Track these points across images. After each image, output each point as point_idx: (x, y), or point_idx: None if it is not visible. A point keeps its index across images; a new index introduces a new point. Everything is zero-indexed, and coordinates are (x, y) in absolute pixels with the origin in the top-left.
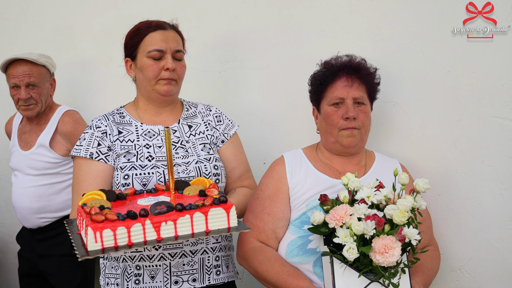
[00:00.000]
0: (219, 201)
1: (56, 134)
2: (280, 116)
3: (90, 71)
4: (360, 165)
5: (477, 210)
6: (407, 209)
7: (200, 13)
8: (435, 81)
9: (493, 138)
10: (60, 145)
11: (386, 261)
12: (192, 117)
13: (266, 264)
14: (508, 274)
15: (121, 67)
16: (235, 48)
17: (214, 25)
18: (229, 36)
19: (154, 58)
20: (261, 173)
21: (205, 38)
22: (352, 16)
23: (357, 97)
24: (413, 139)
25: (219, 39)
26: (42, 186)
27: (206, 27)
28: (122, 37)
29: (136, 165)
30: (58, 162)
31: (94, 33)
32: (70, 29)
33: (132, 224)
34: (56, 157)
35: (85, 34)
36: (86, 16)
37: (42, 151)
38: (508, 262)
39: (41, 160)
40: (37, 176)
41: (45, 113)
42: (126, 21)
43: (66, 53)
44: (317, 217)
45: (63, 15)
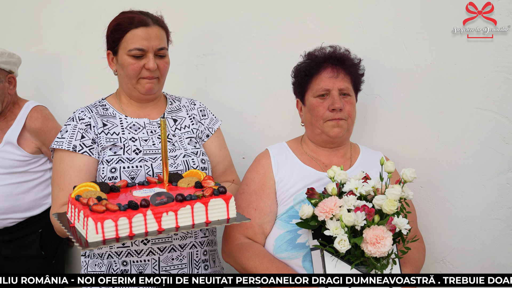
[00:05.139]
0: (218, 192)
1: (24, 130)
2: (260, 110)
3: (58, 65)
4: (346, 157)
5: (459, 201)
6: (396, 198)
7: (176, 5)
8: (417, 73)
9: (475, 130)
10: (29, 142)
11: (378, 252)
12: (176, 110)
13: (254, 260)
14: (490, 264)
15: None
16: (213, 41)
17: (191, 18)
18: (206, 29)
19: (135, 56)
20: (241, 168)
21: (182, 31)
22: (333, 8)
23: (343, 88)
24: (396, 132)
25: (196, 32)
26: (9, 185)
27: (183, 19)
28: (93, 30)
29: (123, 158)
30: (26, 160)
31: (62, 26)
32: (36, 21)
33: (133, 214)
34: (25, 155)
35: (53, 27)
36: (54, 8)
37: (9, 149)
38: (490, 252)
39: (9, 158)
40: (4, 175)
41: (10, 109)
42: (98, 14)
43: (32, 47)
44: (306, 210)
45: (29, 7)
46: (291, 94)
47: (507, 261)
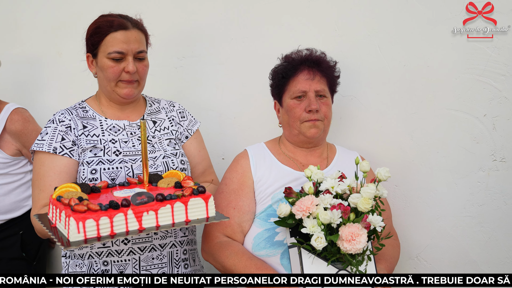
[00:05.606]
0: (197, 192)
1: (5, 133)
2: (239, 111)
3: (39, 67)
4: (322, 157)
5: (433, 199)
6: (371, 196)
7: (156, 7)
8: (391, 75)
9: (447, 130)
10: (9, 144)
11: (353, 248)
12: (155, 112)
13: (233, 258)
14: (462, 260)
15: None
16: (192, 43)
17: (171, 20)
18: (186, 31)
19: (114, 59)
20: (220, 169)
21: (162, 33)
22: (310, 11)
23: (319, 90)
24: (371, 132)
25: (175, 34)
26: None
27: (162, 22)
28: (74, 32)
29: (103, 159)
30: (7, 162)
31: (42, 28)
32: (17, 23)
33: (114, 214)
34: (5, 157)
35: (33, 29)
36: (34, 10)
37: None
38: (462, 248)
39: None
40: None
41: None
42: (78, 16)
43: (12, 49)
44: (284, 209)
45: (9, 9)
46: (269, 95)
47: (478, 257)
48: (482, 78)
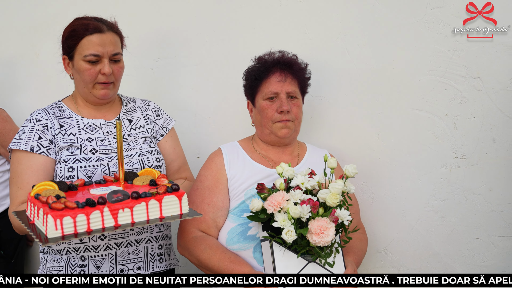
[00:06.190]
0: (171, 189)
1: None
2: (213, 111)
3: (15, 68)
4: (293, 155)
5: (398, 195)
6: (339, 192)
7: (132, 9)
8: (359, 76)
9: (411, 129)
10: None
11: (322, 241)
12: (131, 111)
13: (208, 252)
14: (426, 252)
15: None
16: (167, 45)
17: (146, 22)
18: (161, 33)
19: (90, 61)
20: (196, 167)
21: (137, 35)
22: (282, 15)
23: (290, 92)
24: (340, 131)
25: (151, 36)
26: None
27: (138, 23)
28: (51, 33)
29: (80, 158)
30: None
31: (19, 30)
32: None
33: (91, 211)
34: None
35: (9, 31)
36: (10, 12)
37: None
38: (426, 241)
39: None
40: None
41: None
42: (54, 18)
43: None
44: (256, 204)
45: None
46: (242, 95)
47: (441, 249)
48: (443, 79)
